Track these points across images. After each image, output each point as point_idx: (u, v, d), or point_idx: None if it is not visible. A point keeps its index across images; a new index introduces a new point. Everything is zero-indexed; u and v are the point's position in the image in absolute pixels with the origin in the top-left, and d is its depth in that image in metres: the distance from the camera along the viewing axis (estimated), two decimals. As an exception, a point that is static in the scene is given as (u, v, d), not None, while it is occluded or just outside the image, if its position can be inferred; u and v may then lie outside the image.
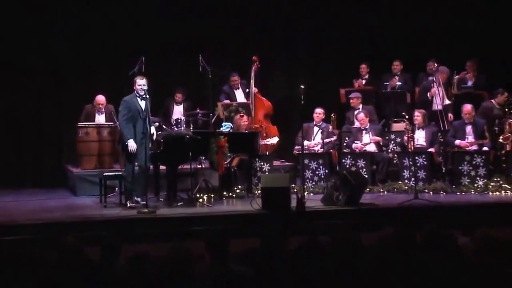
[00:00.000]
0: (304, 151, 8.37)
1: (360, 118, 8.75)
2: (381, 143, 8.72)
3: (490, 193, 8.03)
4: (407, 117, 8.36)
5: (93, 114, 8.74)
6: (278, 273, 3.50)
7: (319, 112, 8.76)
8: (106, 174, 7.70)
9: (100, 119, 8.72)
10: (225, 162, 7.94)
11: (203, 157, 8.04)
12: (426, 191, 8.07)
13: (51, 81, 9.41)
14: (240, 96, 9.21)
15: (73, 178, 8.53)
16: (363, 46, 10.07)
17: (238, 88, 9.26)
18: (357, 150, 8.62)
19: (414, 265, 3.59)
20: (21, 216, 7.02)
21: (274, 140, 8.66)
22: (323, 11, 10.20)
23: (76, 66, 9.10)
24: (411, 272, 3.51)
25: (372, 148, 8.66)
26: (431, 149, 8.45)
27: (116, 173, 7.82)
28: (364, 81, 9.72)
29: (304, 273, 3.47)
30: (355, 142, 8.70)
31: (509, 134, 8.40)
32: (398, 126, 9.05)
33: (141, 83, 7.19)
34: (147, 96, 7.14)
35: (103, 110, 8.66)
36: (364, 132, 8.74)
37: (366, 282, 3.43)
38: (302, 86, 7.94)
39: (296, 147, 8.68)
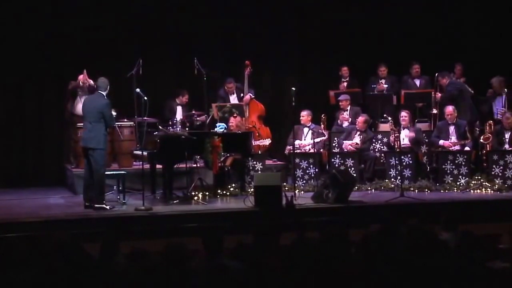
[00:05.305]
0: (296, 150, 8.66)
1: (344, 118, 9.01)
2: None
3: (472, 191, 8.28)
4: (389, 118, 8.64)
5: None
6: (269, 267, 3.64)
7: (303, 115, 8.95)
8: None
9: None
10: (219, 161, 8.09)
11: (198, 157, 8.19)
12: (412, 189, 8.29)
13: (51, 83, 9.52)
14: (234, 101, 9.36)
15: (72, 177, 8.59)
16: (348, 49, 10.24)
17: (233, 93, 9.43)
18: (346, 150, 8.86)
19: (399, 259, 3.83)
20: (22, 214, 7.15)
21: (267, 141, 8.91)
22: (308, 14, 10.38)
23: (76, 68, 9.24)
24: (396, 266, 3.70)
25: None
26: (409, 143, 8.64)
27: (113, 172, 7.97)
28: (346, 83, 9.94)
29: (294, 267, 3.63)
30: (347, 140, 8.89)
31: (489, 135, 8.65)
32: (385, 127, 9.28)
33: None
34: None
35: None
36: (358, 132, 8.90)
37: (354, 276, 3.59)
38: (293, 89, 8.21)
39: (288, 147, 8.88)
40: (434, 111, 9.39)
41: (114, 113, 7.83)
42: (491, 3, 10.45)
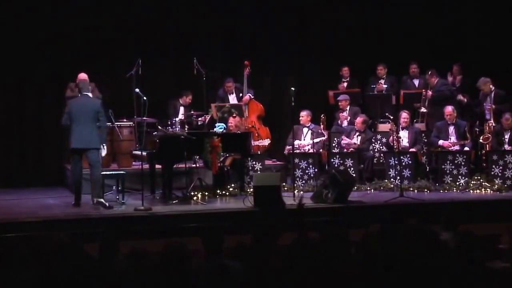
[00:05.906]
0: (296, 150, 8.67)
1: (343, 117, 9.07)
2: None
3: (471, 191, 8.30)
4: (391, 117, 8.66)
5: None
6: (269, 267, 3.65)
7: (302, 115, 8.98)
8: (103, 173, 7.74)
9: None
10: (219, 162, 8.10)
11: (198, 157, 8.20)
12: (411, 189, 8.32)
13: (51, 83, 9.52)
14: (233, 101, 9.39)
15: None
16: (348, 49, 10.27)
17: (232, 93, 9.46)
18: (345, 150, 8.88)
19: (399, 259, 3.86)
20: (22, 214, 7.15)
21: (266, 142, 8.94)
22: (308, 14, 10.40)
23: (76, 68, 9.28)
24: (396, 266, 3.69)
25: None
26: (413, 149, 8.70)
27: (113, 172, 8.00)
28: (346, 84, 9.97)
29: (294, 267, 3.62)
30: (345, 140, 8.93)
31: (489, 135, 8.68)
32: (384, 127, 9.32)
33: None
34: None
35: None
36: (357, 133, 8.95)
37: (354, 276, 3.58)
38: (293, 89, 8.23)
39: (287, 147, 8.91)
40: (423, 109, 9.40)
41: None
42: (491, 3, 10.47)
